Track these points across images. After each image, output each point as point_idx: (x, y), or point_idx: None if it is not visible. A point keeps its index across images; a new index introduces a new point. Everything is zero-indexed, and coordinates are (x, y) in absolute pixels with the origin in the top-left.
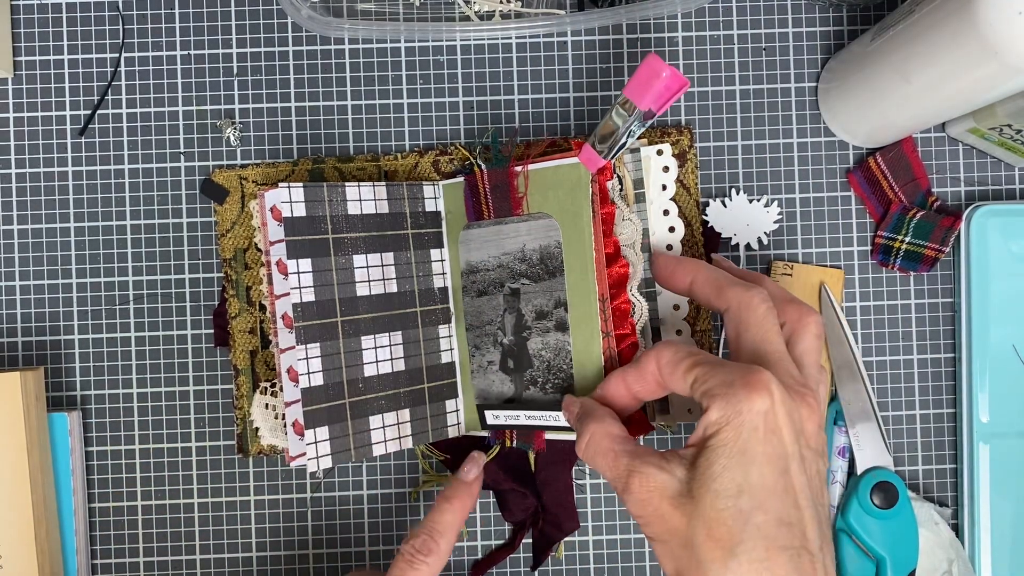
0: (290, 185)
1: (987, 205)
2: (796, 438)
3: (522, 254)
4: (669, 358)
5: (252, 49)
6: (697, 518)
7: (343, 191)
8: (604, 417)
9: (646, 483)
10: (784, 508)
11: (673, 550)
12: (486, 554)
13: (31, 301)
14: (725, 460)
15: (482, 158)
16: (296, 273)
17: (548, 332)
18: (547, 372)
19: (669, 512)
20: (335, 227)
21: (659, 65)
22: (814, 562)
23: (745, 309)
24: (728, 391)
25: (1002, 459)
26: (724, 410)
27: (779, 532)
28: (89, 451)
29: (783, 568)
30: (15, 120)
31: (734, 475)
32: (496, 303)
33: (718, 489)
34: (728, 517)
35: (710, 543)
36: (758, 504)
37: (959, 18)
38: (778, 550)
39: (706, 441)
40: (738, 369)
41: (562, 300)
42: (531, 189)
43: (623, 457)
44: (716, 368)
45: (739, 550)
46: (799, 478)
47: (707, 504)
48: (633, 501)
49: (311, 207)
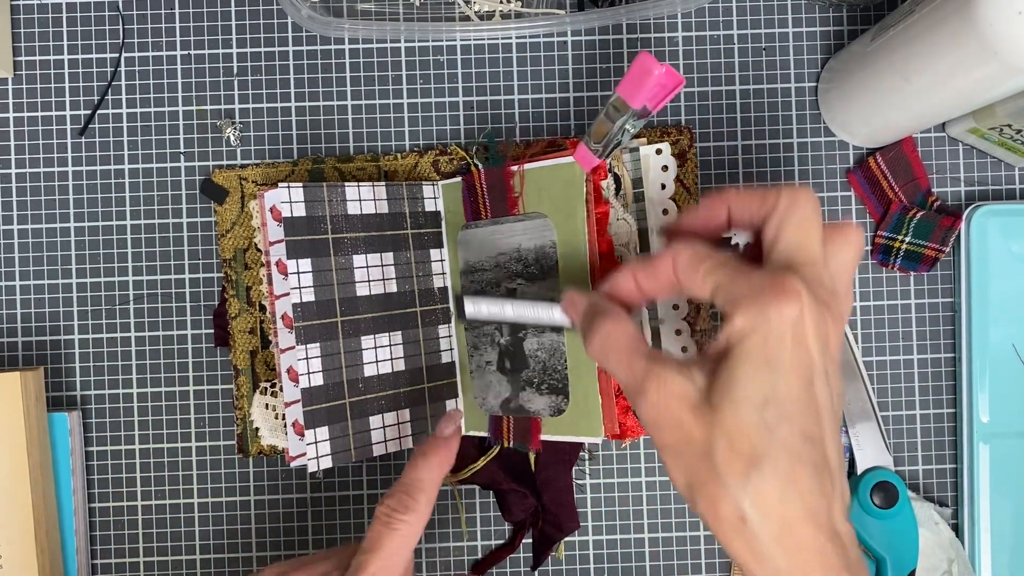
0: (290, 185)
1: (987, 205)
2: (822, 351)
3: (518, 254)
4: (688, 258)
5: (252, 49)
6: (718, 428)
7: (343, 191)
8: (619, 315)
9: (664, 387)
10: (808, 422)
11: (687, 461)
12: (486, 554)
13: (31, 301)
14: (751, 369)
15: (479, 158)
16: (296, 273)
17: (543, 332)
18: (543, 373)
19: (688, 420)
20: (335, 227)
21: (651, 63)
22: (833, 479)
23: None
24: (755, 296)
25: (1002, 459)
26: (750, 316)
27: (804, 447)
28: (89, 451)
29: (806, 483)
30: (15, 120)
31: (760, 385)
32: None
33: (742, 399)
34: (752, 429)
35: (731, 455)
36: (784, 416)
37: (959, 18)
38: (802, 464)
39: (730, 349)
40: (766, 274)
41: (557, 300)
42: (527, 189)
43: (640, 359)
44: (741, 272)
45: (763, 463)
46: (823, 392)
47: (729, 414)
48: (648, 405)
49: (311, 207)
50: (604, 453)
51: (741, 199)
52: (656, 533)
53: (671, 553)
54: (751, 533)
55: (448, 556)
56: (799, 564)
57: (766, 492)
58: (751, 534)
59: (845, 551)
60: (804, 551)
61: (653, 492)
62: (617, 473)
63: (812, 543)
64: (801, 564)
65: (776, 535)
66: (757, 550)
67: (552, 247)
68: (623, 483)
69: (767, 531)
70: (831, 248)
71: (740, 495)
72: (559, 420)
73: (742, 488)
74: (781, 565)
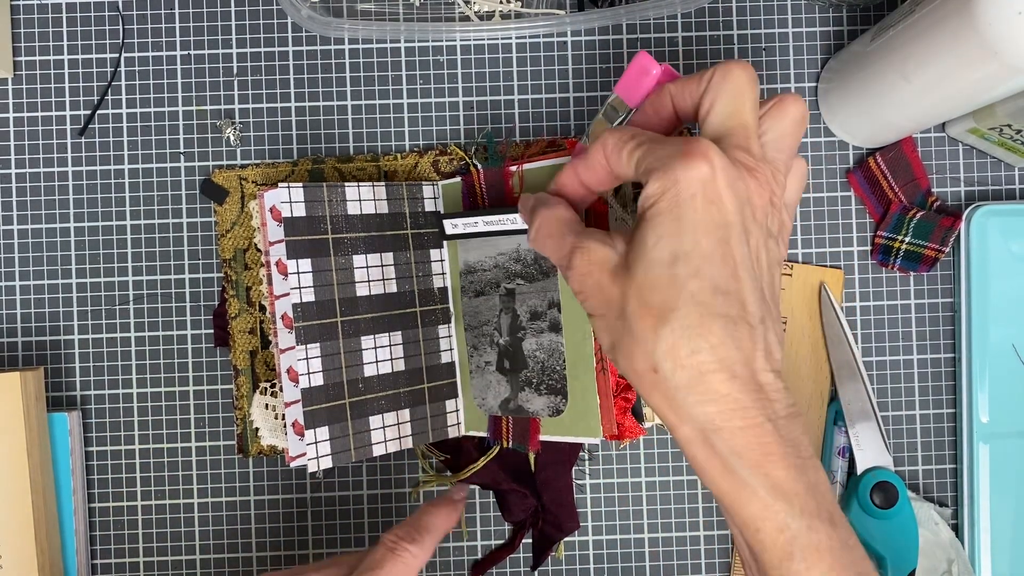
0: (290, 185)
1: (987, 205)
2: (740, 209)
3: (517, 254)
4: (614, 143)
5: (252, 49)
6: (631, 287)
7: (343, 191)
8: (555, 204)
9: (586, 256)
10: (721, 277)
11: (609, 322)
12: (486, 554)
13: (31, 301)
14: (660, 229)
15: (479, 158)
16: (296, 273)
17: (542, 333)
18: (541, 373)
19: (607, 284)
20: (335, 227)
21: (648, 62)
22: (753, 333)
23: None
24: (666, 162)
25: (1002, 459)
26: (661, 180)
27: (714, 299)
28: (89, 451)
29: (716, 336)
30: (15, 120)
31: (669, 243)
32: (493, 303)
33: (652, 258)
34: (661, 284)
35: (642, 311)
36: (693, 271)
37: (959, 18)
38: (712, 317)
39: (643, 214)
40: (678, 142)
41: (555, 300)
42: (526, 188)
43: (569, 236)
44: (657, 143)
45: (671, 316)
46: (740, 249)
47: (641, 273)
48: (574, 277)
49: (311, 207)
50: (604, 453)
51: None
52: (656, 533)
53: (671, 553)
54: (665, 384)
55: (448, 556)
56: (714, 413)
57: (675, 344)
58: (665, 385)
59: (768, 402)
60: (719, 400)
61: (653, 492)
62: (617, 473)
63: (727, 392)
64: (716, 413)
65: (688, 384)
66: (673, 400)
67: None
68: (623, 483)
69: (679, 381)
70: (768, 119)
71: (652, 347)
72: (558, 421)
73: (653, 341)
74: (696, 413)
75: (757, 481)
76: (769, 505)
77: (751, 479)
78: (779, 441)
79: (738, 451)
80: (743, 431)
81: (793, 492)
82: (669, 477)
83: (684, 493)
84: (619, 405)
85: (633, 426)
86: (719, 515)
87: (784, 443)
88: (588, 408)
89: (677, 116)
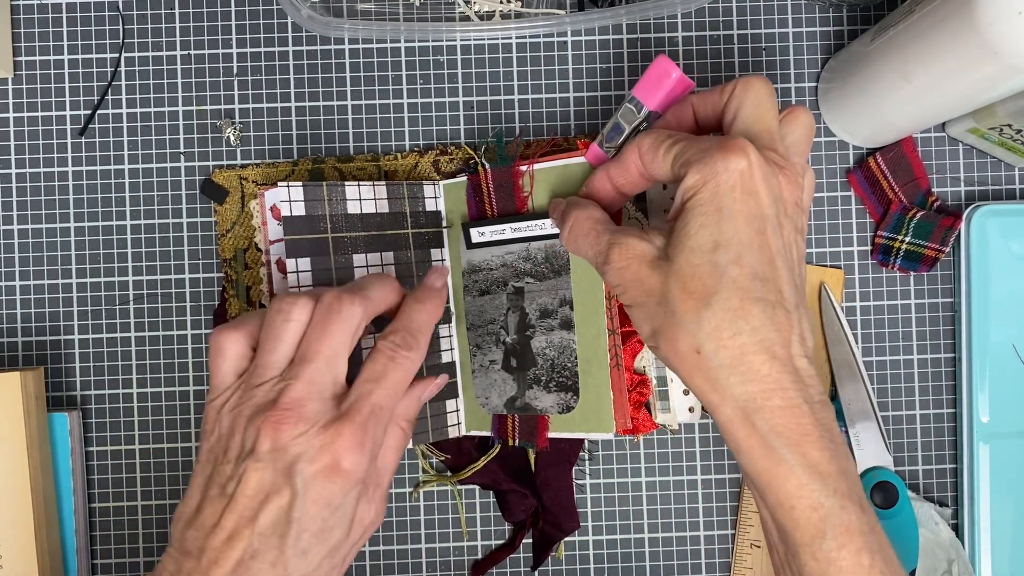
0: (289, 184)
1: (987, 205)
2: (774, 202)
3: (527, 253)
4: (649, 143)
5: (252, 49)
6: (672, 275)
7: (343, 190)
8: (587, 204)
9: (625, 251)
10: (759, 264)
11: (649, 310)
12: (486, 554)
13: (31, 301)
14: (701, 218)
15: (487, 158)
16: (295, 272)
17: (553, 330)
18: (551, 370)
19: (646, 274)
20: (334, 226)
21: (669, 66)
22: (790, 318)
23: (746, 90)
24: (706, 155)
25: (1002, 459)
26: (701, 172)
27: (753, 284)
28: (89, 451)
29: (757, 318)
30: (15, 120)
31: (710, 231)
32: (499, 302)
33: (693, 246)
34: (703, 271)
35: (684, 295)
36: (733, 258)
37: (959, 18)
38: (752, 300)
39: (683, 205)
40: (716, 138)
41: (568, 298)
42: (536, 188)
43: (604, 233)
44: (694, 140)
45: (713, 300)
46: (775, 240)
47: (683, 261)
48: (612, 271)
49: (310, 206)
50: (604, 453)
51: (702, 97)
52: (656, 533)
53: (671, 553)
54: (707, 365)
55: (448, 556)
56: (756, 392)
57: (718, 325)
58: (707, 365)
59: (804, 386)
60: (759, 379)
61: (653, 492)
62: (617, 473)
63: (767, 372)
64: (758, 392)
65: (730, 364)
66: (715, 380)
67: (563, 245)
68: (623, 483)
69: (721, 361)
70: (783, 128)
71: (695, 330)
72: (568, 417)
73: (696, 323)
74: (738, 392)
75: (795, 459)
76: (805, 483)
77: (789, 457)
78: (815, 423)
79: (777, 429)
80: (782, 410)
81: (827, 472)
82: (669, 477)
83: (684, 493)
84: (633, 399)
85: (646, 420)
86: (719, 515)
87: (819, 426)
88: (601, 404)
89: (698, 125)
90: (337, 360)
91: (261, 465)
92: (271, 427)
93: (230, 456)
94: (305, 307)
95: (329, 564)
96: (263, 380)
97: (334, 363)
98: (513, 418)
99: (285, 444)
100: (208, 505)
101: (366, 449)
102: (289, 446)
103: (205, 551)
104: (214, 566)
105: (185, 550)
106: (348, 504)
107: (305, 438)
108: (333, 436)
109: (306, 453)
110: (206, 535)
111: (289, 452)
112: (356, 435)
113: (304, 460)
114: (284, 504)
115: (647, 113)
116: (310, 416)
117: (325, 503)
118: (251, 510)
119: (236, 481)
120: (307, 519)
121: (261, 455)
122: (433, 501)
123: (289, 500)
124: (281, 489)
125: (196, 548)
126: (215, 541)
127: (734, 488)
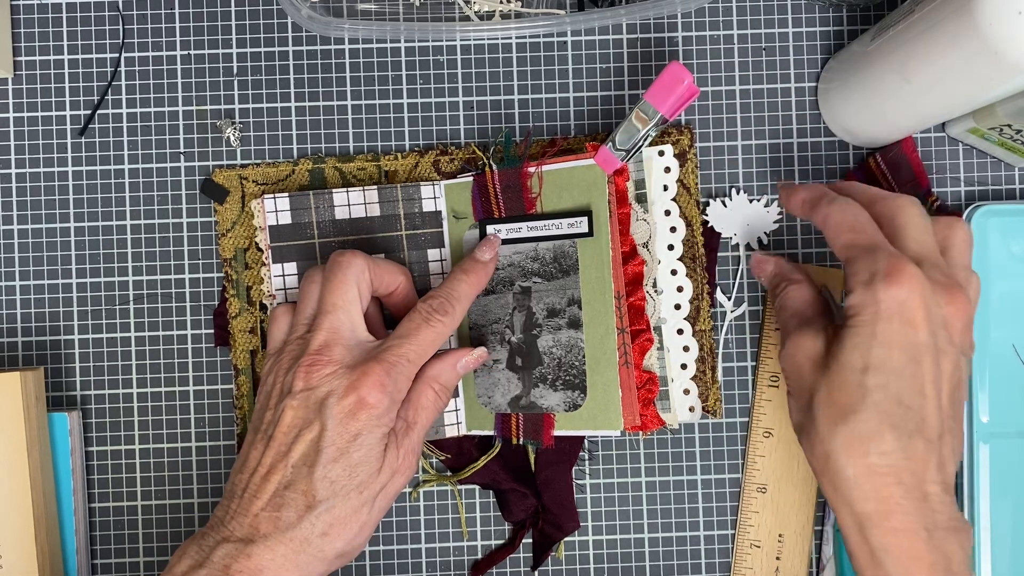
0: (276, 196)
1: (987, 205)
2: (934, 331)
3: (535, 252)
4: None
5: (252, 49)
6: (824, 381)
7: (330, 197)
8: (802, 282)
9: (797, 344)
10: (907, 392)
11: (800, 405)
12: (486, 554)
13: (31, 301)
14: (857, 339)
15: (495, 159)
16: (281, 276)
17: (560, 329)
18: (557, 369)
19: (807, 372)
20: (321, 232)
21: (682, 72)
22: (929, 447)
23: (901, 214)
24: (871, 280)
25: (1002, 459)
26: (863, 296)
27: (895, 410)
28: (89, 451)
29: (889, 443)
30: (15, 120)
31: (861, 353)
32: (504, 301)
33: (846, 362)
34: (850, 388)
35: (828, 404)
36: (881, 383)
37: (959, 18)
38: (889, 426)
39: (848, 320)
40: (885, 259)
41: (576, 298)
42: (545, 189)
43: (794, 318)
44: (866, 255)
45: (851, 417)
46: (931, 369)
47: (835, 372)
48: (784, 357)
49: (296, 215)
50: (604, 453)
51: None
52: (656, 533)
53: (671, 553)
54: (834, 473)
55: (448, 556)
56: (876, 511)
57: (851, 442)
58: (834, 473)
59: (930, 511)
60: (880, 500)
61: (653, 492)
62: (617, 473)
63: (889, 495)
64: (878, 511)
65: (855, 479)
66: (839, 489)
67: (572, 246)
68: (623, 483)
69: (848, 474)
70: (943, 240)
71: (829, 438)
72: (575, 415)
73: (831, 433)
74: (857, 506)
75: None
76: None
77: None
78: (930, 550)
79: (888, 548)
80: (896, 532)
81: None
82: (669, 477)
83: (684, 493)
84: (642, 396)
85: (654, 417)
86: (719, 515)
87: (935, 553)
88: (609, 401)
89: None
90: (351, 308)
91: (296, 403)
92: (303, 370)
93: (271, 403)
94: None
95: (357, 499)
96: (296, 335)
97: (349, 311)
98: (517, 417)
99: (316, 383)
100: (252, 449)
101: (387, 391)
102: (319, 385)
103: (248, 488)
104: (254, 499)
105: (232, 493)
106: (373, 442)
107: (333, 376)
108: (360, 375)
109: (335, 391)
110: (249, 475)
111: (319, 390)
112: (380, 376)
113: (333, 396)
114: (315, 436)
115: (660, 118)
116: (337, 359)
117: (352, 435)
118: (286, 445)
119: (275, 423)
120: (334, 449)
121: (296, 394)
122: (433, 501)
123: (319, 432)
124: (312, 423)
125: (240, 488)
126: (256, 478)
127: (734, 488)
